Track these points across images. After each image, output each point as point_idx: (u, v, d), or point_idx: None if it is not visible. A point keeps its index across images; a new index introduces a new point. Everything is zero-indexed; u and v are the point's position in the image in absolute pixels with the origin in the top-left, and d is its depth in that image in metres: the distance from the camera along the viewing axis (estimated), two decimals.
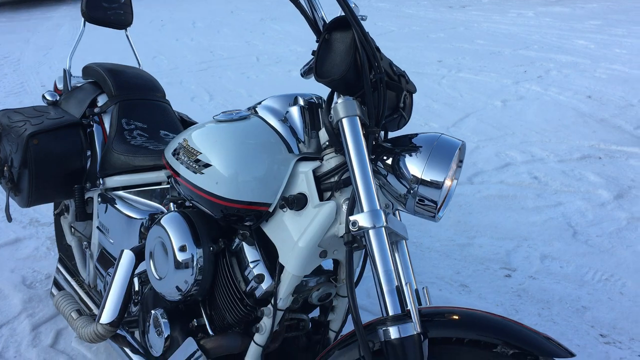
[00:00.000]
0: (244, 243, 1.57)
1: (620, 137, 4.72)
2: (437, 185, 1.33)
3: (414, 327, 1.23)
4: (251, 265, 1.55)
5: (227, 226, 1.65)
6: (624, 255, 3.04)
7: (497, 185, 3.86)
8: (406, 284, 1.27)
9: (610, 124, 5.03)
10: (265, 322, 1.51)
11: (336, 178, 1.41)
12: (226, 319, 1.61)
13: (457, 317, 1.31)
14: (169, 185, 1.96)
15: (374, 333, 1.26)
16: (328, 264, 1.60)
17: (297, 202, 1.44)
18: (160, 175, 1.98)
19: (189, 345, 1.57)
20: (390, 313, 1.26)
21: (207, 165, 1.49)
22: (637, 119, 5.15)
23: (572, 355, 1.25)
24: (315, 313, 1.75)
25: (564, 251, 3.09)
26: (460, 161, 1.43)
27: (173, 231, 1.63)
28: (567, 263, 2.98)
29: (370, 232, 1.28)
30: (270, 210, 1.49)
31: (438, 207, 1.36)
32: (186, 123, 2.43)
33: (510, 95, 5.78)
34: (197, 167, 1.51)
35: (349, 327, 1.70)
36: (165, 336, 1.68)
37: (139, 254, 1.86)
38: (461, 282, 2.82)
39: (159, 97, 2.38)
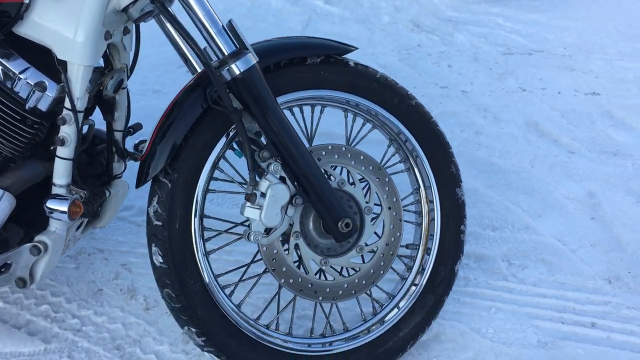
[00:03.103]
0: None
1: None
2: None
3: (253, 57, 1.29)
4: (22, 77, 1.30)
5: None
6: None
7: None
8: (229, 20, 1.29)
9: None
10: (68, 131, 1.33)
11: None
12: (2, 154, 1.36)
13: (270, 46, 1.41)
14: None
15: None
16: None
17: None
18: None
19: None
20: (227, 52, 1.28)
21: None
22: None
23: (356, 48, 1.51)
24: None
25: None
26: None
27: None
28: None
29: None
30: (26, 0, 1.25)
31: None
32: None
33: None
34: None
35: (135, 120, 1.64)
36: None
37: None
38: (155, 89, 2.84)
39: None
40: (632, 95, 2.77)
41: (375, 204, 1.47)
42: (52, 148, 1.44)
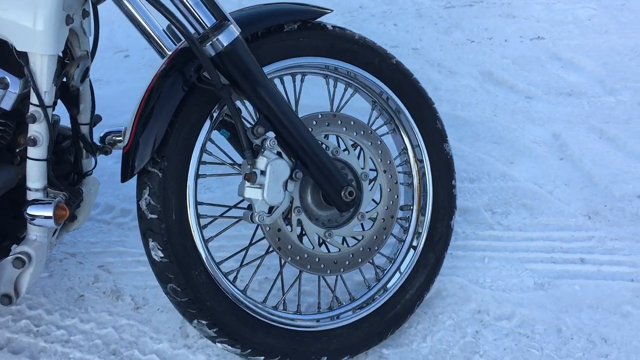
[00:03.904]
0: None
1: None
2: None
3: (235, 28, 1.21)
4: None
5: None
6: None
7: None
8: None
9: None
10: (39, 129, 1.22)
11: None
12: None
13: (246, 16, 1.33)
14: None
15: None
16: None
17: None
18: None
19: None
20: (209, 25, 1.19)
21: None
22: None
23: (331, 11, 1.46)
24: None
25: None
26: None
27: None
28: None
29: None
30: None
31: None
32: None
33: None
34: None
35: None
36: None
37: None
38: (94, 78, 2.67)
39: None
40: (574, 36, 2.84)
41: (370, 169, 1.44)
42: (18, 150, 1.32)
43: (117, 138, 1.51)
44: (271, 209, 1.28)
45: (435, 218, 1.55)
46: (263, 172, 1.24)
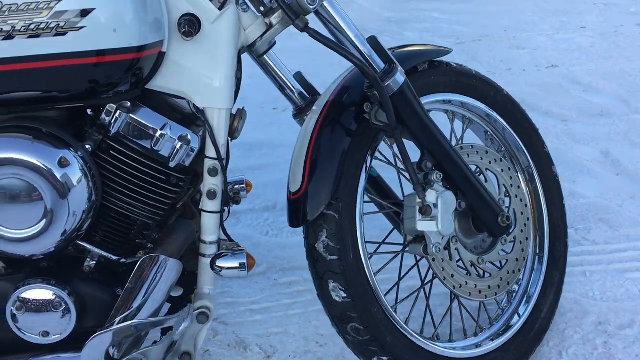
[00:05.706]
0: (130, 116, 1.17)
1: None
2: None
3: (401, 73, 1.27)
4: (165, 132, 1.18)
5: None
6: None
7: None
8: (372, 37, 1.27)
9: None
10: (216, 182, 1.23)
11: None
12: (138, 223, 1.22)
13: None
14: None
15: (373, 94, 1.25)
16: None
17: (190, 27, 1.15)
18: None
19: (161, 265, 1.15)
20: (379, 69, 1.26)
21: (85, 13, 1.00)
22: None
23: (451, 50, 1.55)
24: None
25: None
26: None
27: (20, 151, 1.07)
28: None
29: (325, 2, 1.20)
30: (164, 49, 1.15)
31: None
32: None
33: None
34: (59, 23, 1.00)
35: None
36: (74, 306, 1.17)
37: None
38: None
39: None
40: (583, 62, 3.05)
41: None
42: (178, 206, 1.33)
43: (239, 186, 1.53)
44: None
45: (554, 237, 1.63)
46: (435, 205, 1.29)
